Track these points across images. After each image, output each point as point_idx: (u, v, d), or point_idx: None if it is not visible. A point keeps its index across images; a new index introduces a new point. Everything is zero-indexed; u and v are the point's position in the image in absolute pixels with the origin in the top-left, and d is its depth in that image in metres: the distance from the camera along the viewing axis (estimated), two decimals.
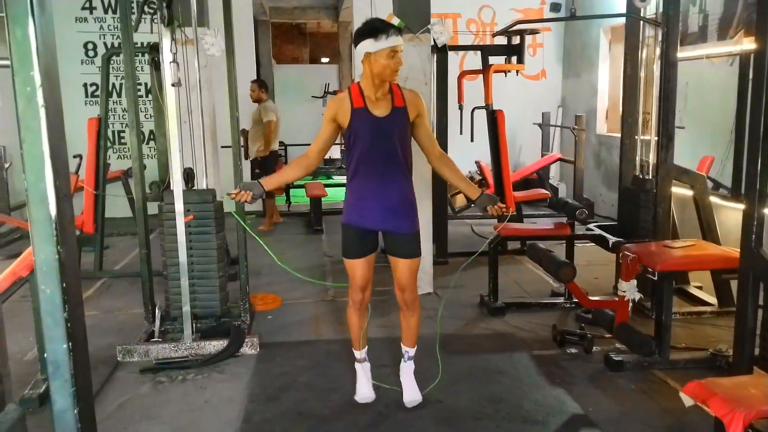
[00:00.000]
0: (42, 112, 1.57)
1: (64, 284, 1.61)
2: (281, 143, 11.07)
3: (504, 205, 3.10)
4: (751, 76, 3.14)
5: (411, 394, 3.33)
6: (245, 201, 2.98)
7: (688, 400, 2.32)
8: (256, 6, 10.44)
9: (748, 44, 4.92)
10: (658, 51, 4.55)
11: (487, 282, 4.78)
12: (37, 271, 1.60)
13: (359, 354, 3.37)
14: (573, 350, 3.97)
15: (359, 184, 3.06)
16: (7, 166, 7.21)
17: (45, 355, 1.68)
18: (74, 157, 5.99)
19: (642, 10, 4.69)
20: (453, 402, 3.35)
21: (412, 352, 3.36)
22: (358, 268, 3.15)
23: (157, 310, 4.14)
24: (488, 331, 4.36)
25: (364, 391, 3.36)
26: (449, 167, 3.18)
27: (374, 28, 2.91)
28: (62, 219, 1.61)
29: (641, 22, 4.75)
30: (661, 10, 4.47)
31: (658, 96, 4.50)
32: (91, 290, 5.38)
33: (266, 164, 7.39)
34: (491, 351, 4.01)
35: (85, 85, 8.29)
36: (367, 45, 2.90)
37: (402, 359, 3.39)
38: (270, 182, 3.14)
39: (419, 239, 3.17)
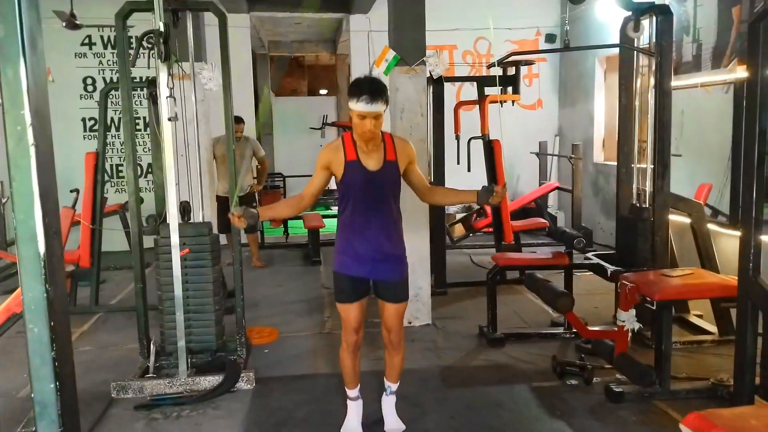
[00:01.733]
0: (32, 150, 1.57)
1: (52, 323, 1.59)
2: (279, 174, 11.12)
3: (500, 187, 3.08)
4: (744, 104, 3.16)
5: (393, 423, 3.35)
6: (240, 226, 3.01)
7: None
8: (255, 40, 10.56)
9: (742, 72, 4.97)
10: (652, 80, 4.59)
11: (485, 312, 4.74)
12: (25, 309, 1.58)
13: (352, 393, 3.37)
14: (573, 381, 3.92)
15: (350, 233, 3.11)
16: (4, 200, 7.22)
17: (32, 394, 1.65)
18: (71, 191, 5.98)
19: (635, 40, 4.74)
20: None
21: (394, 387, 3.39)
22: (351, 311, 3.18)
23: (152, 345, 4.09)
24: (487, 363, 4.31)
25: (353, 426, 3.34)
26: (440, 193, 3.38)
27: (352, 88, 2.94)
28: (51, 257, 1.59)
29: (635, 51, 4.79)
30: (654, 40, 4.52)
31: (654, 124, 4.52)
32: (86, 325, 5.33)
33: (252, 201, 6.91)
34: (490, 383, 3.96)
35: (83, 119, 8.34)
36: (350, 101, 2.94)
37: (384, 392, 3.40)
38: (265, 213, 3.17)
39: (407, 285, 3.24)
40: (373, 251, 3.07)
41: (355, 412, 3.35)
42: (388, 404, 3.39)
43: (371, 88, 2.88)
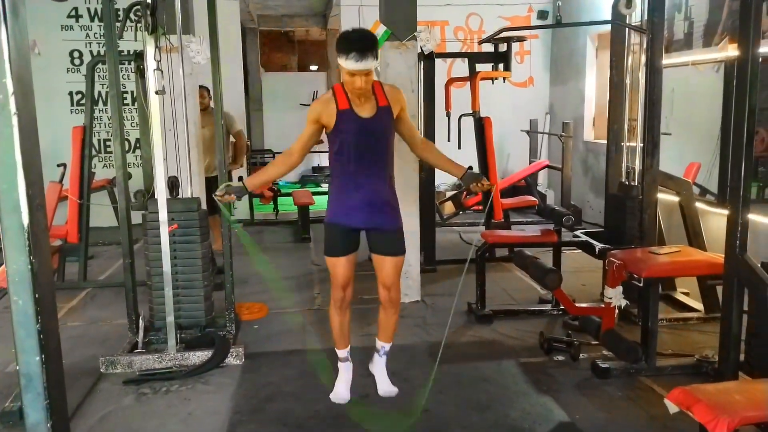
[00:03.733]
0: (14, 119, 1.54)
1: (37, 295, 1.58)
2: (269, 150, 11.06)
3: (487, 182, 3.13)
4: (735, 82, 3.15)
5: (385, 385, 3.39)
6: (230, 201, 2.98)
7: (672, 407, 2.31)
8: (244, 13, 10.43)
9: (733, 51, 4.96)
10: (643, 58, 4.57)
11: (474, 289, 4.76)
12: (10, 282, 1.57)
13: (342, 353, 3.39)
14: (560, 357, 3.95)
15: (344, 183, 3.10)
16: None
17: (18, 367, 1.64)
18: (58, 165, 5.93)
19: (627, 17, 4.71)
20: (440, 410, 3.32)
21: (387, 347, 3.40)
22: (340, 266, 3.17)
23: (141, 321, 4.09)
24: (475, 339, 4.34)
25: (341, 390, 3.37)
26: (433, 153, 3.31)
27: (340, 43, 2.89)
28: (35, 229, 1.58)
29: (627, 29, 4.77)
30: (646, 17, 4.50)
31: (644, 103, 4.51)
32: (75, 300, 5.32)
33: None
34: (478, 359, 3.99)
35: (70, 93, 8.23)
36: (339, 58, 2.92)
37: (376, 353, 3.42)
38: (253, 182, 3.17)
39: (403, 236, 3.22)
40: (368, 199, 3.06)
41: (344, 376, 3.39)
42: (380, 366, 3.41)
43: (360, 45, 2.84)
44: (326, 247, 3.20)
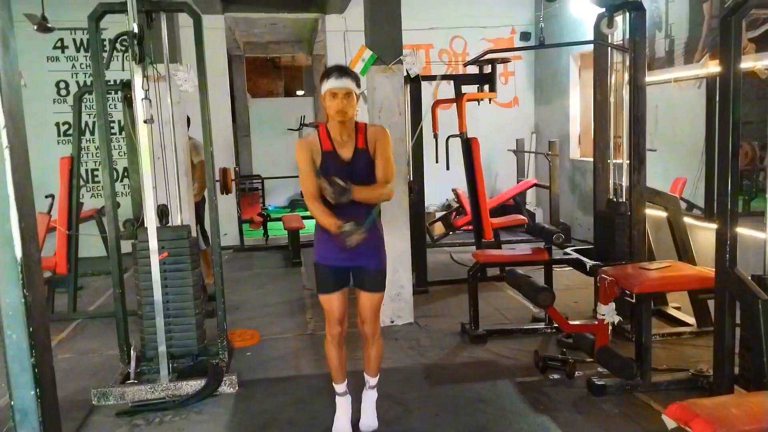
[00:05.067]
0: (6, 153, 1.54)
1: (31, 329, 1.56)
2: (257, 176, 11.05)
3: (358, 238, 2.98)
4: (717, 98, 3.20)
5: (368, 419, 3.37)
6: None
7: (670, 423, 2.31)
8: (230, 41, 10.49)
9: (714, 67, 5.04)
10: (626, 76, 4.64)
11: (467, 310, 4.75)
12: (3, 315, 1.55)
13: (339, 388, 3.37)
14: (556, 376, 3.95)
15: None
16: None
17: (12, 402, 1.62)
18: (46, 197, 5.89)
19: (609, 36, 4.79)
20: None
21: (373, 381, 3.41)
22: (334, 301, 3.21)
23: (132, 351, 4.04)
24: (470, 360, 4.33)
25: (342, 424, 3.34)
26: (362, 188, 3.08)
27: (324, 73, 3.06)
28: (28, 262, 1.56)
29: (609, 48, 4.84)
30: (627, 36, 4.57)
31: (628, 120, 4.57)
32: (65, 332, 5.25)
33: (200, 211, 6.05)
34: (474, 380, 3.98)
35: (57, 124, 8.21)
36: (322, 86, 3.04)
37: (364, 387, 3.42)
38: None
39: (384, 276, 3.27)
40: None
41: (344, 409, 3.36)
42: (368, 400, 3.41)
43: (340, 67, 3.05)
44: (318, 285, 3.25)
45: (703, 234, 5.14)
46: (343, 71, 3.02)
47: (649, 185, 4.65)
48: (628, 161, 4.62)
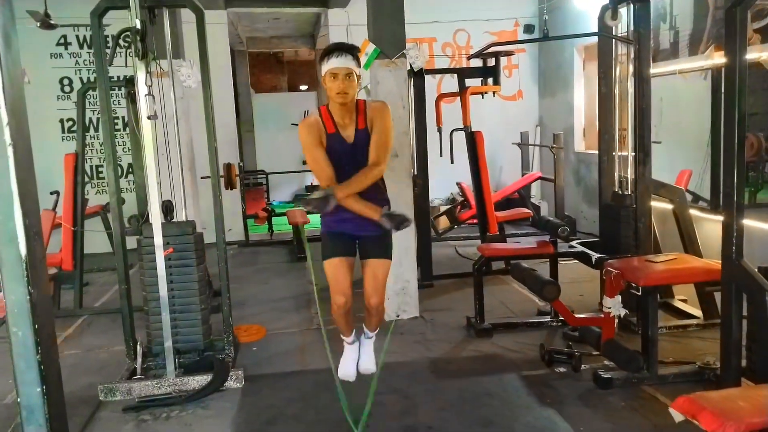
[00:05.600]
0: (9, 150, 1.54)
1: (37, 326, 1.57)
2: (261, 171, 11.05)
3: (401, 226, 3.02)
4: (723, 89, 3.18)
5: (367, 362, 3.42)
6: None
7: (678, 416, 2.30)
8: (233, 36, 10.47)
9: (719, 58, 5.00)
10: (631, 68, 4.61)
11: (472, 303, 4.75)
12: (9, 313, 1.55)
13: (348, 339, 3.42)
14: (562, 369, 3.94)
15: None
16: None
17: (19, 399, 1.62)
18: (51, 193, 5.90)
19: (613, 28, 4.76)
20: (444, 427, 3.30)
21: (371, 333, 3.45)
22: (336, 266, 3.13)
23: (138, 347, 4.05)
24: (476, 353, 4.32)
25: (348, 366, 3.41)
26: (352, 180, 3.03)
27: (324, 51, 3.00)
28: (33, 259, 1.56)
29: (614, 40, 4.81)
30: (632, 27, 4.54)
31: (633, 112, 4.54)
32: (71, 328, 5.27)
33: None
34: (480, 373, 3.98)
35: (61, 120, 8.22)
36: (322, 66, 2.99)
37: (362, 335, 3.46)
38: (344, 191, 3.00)
39: (391, 241, 3.22)
40: (356, 219, 3.07)
41: (350, 354, 3.43)
42: (366, 345, 3.45)
43: (340, 45, 2.97)
44: (323, 252, 3.19)
45: (709, 226, 5.11)
46: (343, 49, 2.94)
47: (655, 177, 4.63)
48: (633, 153, 4.60)
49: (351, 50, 2.97)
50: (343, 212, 3.08)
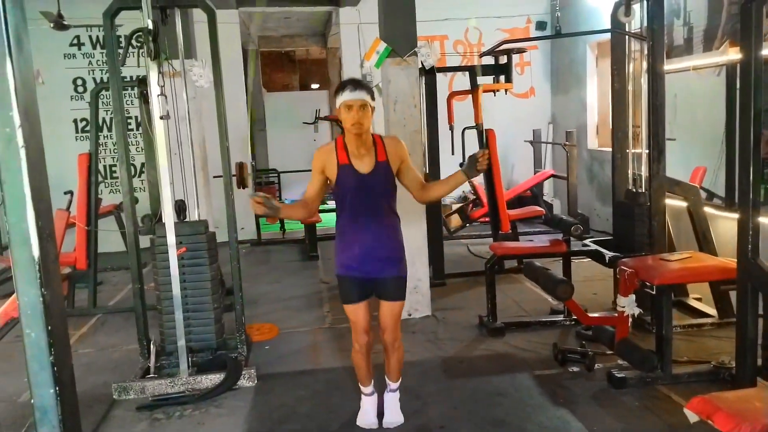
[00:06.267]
0: (22, 152, 1.54)
1: (50, 327, 1.57)
2: (273, 170, 11.07)
3: (480, 153, 3.05)
4: (738, 85, 3.14)
5: (392, 415, 3.37)
6: (257, 212, 2.93)
7: (692, 416, 2.28)
8: (245, 35, 10.50)
9: (734, 54, 4.95)
10: (644, 64, 4.57)
11: (485, 302, 4.73)
12: (22, 314, 1.56)
13: (367, 390, 3.40)
14: (575, 368, 3.92)
15: (347, 235, 3.15)
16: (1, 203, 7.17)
17: (32, 400, 1.63)
18: (65, 193, 5.95)
19: (627, 25, 4.72)
20: (455, 427, 3.29)
21: (394, 386, 3.40)
22: (358, 312, 3.20)
23: (152, 346, 4.07)
24: (488, 353, 4.31)
25: (369, 415, 3.36)
26: (433, 188, 3.27)
27: (339, 85, 3.07)
28: (46, 260, 1.57)
29: (627, 36, 4.77)
30: (645, 24, 4.50)
31: (647, 109, 4.51)
32: (85, 327, 5.31)
33: None
34: (492, 373, 3.96)
35: (75, 120, 8.28)
36: (337, 99, 3.05)
37: (386, 389, 3.41)
38: (286, 211, 3.10)
39: (404, 284, 3.26)
40: (369, 254, 3.11)
41: (370, 405, 3.39)
42: (390, 400, 3.40)
43: (353, 80, 3.06)
44: (342, 296, 3.25)
45: (724, 224, 5.06)
46: (356, 84, 3.02)
47: (669, 175, 4.59)
48: (647, 151, 4.56)
49: (365, 86, 3.05)
50: (354, 252, 3.10)
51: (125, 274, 6.53)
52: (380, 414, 3.38)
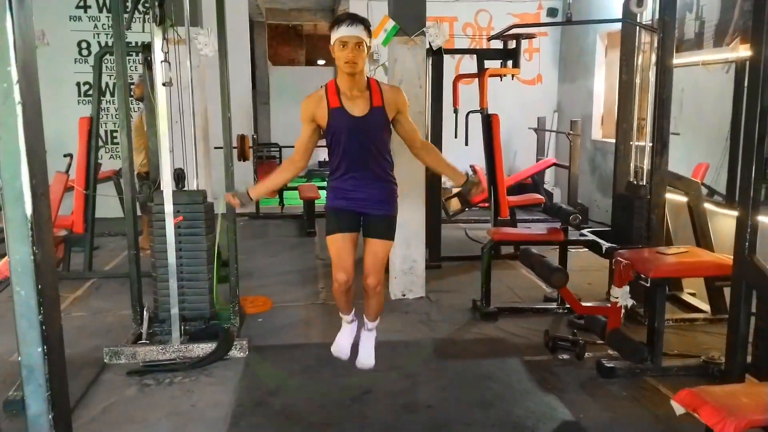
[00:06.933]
0: (19, 109, 1.53)
1: (40, 286, 1.57)
2: (275, 144, 11.04)
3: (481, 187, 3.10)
4: (746, 82, 3.12)
5: (365, 357, 3.35)
6: (235, 205, 2.96)
7: (679, 408, 2.29)
8: (252, 7, 10.41)
9: (744, 51, 4.91)
10: (653, 57, 4.53)
11: (479, 286, 4.74)
12: (12, 272, 1.56)
13: (347, 317, 3.39)
14: (565, 356, 3.93)
15: (339, 179, 3.10)
16: None
17: (20, 358, 1.64)
18: (65, 156, 5.93)
19: (638, 15, 4.68)
20: (443, 407, 3.31)
21: (371, 324, 3.39)
22: (339, 241, 3.10)
23: (145, 312, 4.08)
24: (480, 336, 4.32)
25: (342, 344, 3.39)
26: (432, 156, 3.22)
27: (335, 19, 2.98)
28: (38, 219, 1.56)
29: (637, 27, 4.73)
30: (657, 16, 4.46)
31: (654, 102, 4.48)
32: (80, 291, 5.32)
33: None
34: (482, 356, 3.98)
35: (78, 84, 8.23)
36: (332, 34, 2.95)
37: (363, 327, 3.41)
38: (258, 190, 3.13)
39: (393, 225, 3.20)
40: (362, 196, 3.07)
41: (347, 332, 3.40)
42: (365, 338, 3.39)
43: (351, 15, 2.95)
44: (327, 227, 3.17)
45: (723, 221, 5.05)
46: (354, 19, 2.91)
47: (671, 169, 4.57)
48: (650, 144, 4.54)
49: (363, 21, 2.93)
50: (346, 194, 3.07)
51: (122, 240, 6.51)
52: (354, 353, 3.39)
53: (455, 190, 8.48)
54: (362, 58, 2.93)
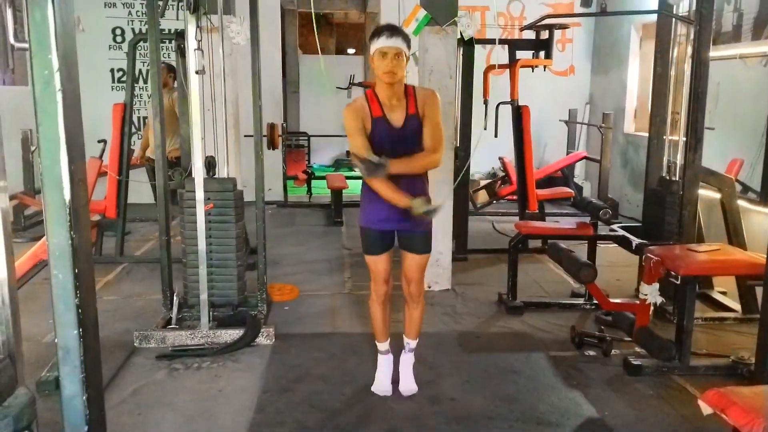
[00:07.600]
0: (59, 96, 1.56)
1: (77, 270, 1.61)
2: (304, 133, 11.08)
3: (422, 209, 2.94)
4: None
5: (407, 383, 3.38)
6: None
7: (706, 409, 2.26)
8: None
9: None
10: (689, 50, 4.45)
11: (506, 280, 4.72)
12: (50, 256, 1.60)
13: (382, 346, 3.42)
14: (591, 352, 3.91)
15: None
16: (33, 149, 7.29)
17: (56, 339, 1.68)
18: (99, 141, 6.03)
19: (675, 7, 4.59)
20: (467, 400, 3.31)
21: (413, 344, 3.42)
22: (380, 262, 3.23)
23: (175, 297, 4.15)
24: (505, 330, 4.31)
25: (383, 383, 3.39)
26: (404, 161, 3.02)
27: (372, 33, 3.00)
28: (76, 204, 1.60)
29: (673, 19, 4.65)
30: (694, 7, 4.37)
31: (688, 96, 4.40)
32: (111, 275, 5.43)
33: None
34: (508, 350, 3.97)
35: (112, 70, 8.36)
36: (371, 45, 2.99)
37: (403, 350, 3.43)
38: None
39: (431, 237, 3.26)
40: (400, 211, 3.04)
41: (385, 367, 3.41)
42: (405, 363, 3.42)
43: (390, 26, 2.99)
44: (364, 247, 3.27)
45: (757, 218, 4.96)
46: (394, 30, 2.95)
47: (705, 164, 4.49)
48: (684, 138, 4.47)
49: (401, 32, 2.97)
50: (382, 205, 3.07)
51: (153, 226, 6.62)
52: (395, 381, 3.41)
53: (483, 183, 8.46)
54: (401, 68, 2.96)
